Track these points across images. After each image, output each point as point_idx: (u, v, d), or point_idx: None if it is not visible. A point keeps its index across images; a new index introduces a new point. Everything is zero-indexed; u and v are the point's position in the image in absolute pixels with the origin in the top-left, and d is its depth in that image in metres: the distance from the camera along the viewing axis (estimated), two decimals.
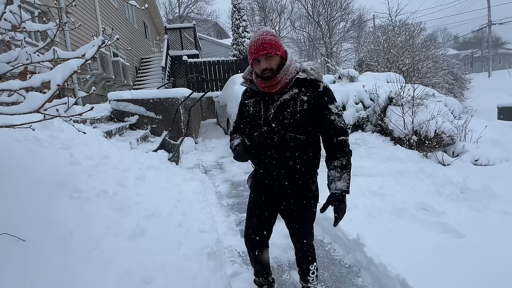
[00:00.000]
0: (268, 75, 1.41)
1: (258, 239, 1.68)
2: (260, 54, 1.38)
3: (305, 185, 1.56)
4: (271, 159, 1.51)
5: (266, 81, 1.42)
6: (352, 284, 2.07)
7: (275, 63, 1.41)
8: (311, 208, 1.61)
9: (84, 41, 6.73)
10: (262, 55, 1.39)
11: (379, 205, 2.90)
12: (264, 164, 1.55)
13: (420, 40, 10.98)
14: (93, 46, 1.41)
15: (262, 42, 1.38)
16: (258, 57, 1.39)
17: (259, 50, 1.38)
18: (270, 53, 1.39)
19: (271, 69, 1.40)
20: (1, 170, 1.91)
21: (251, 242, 1.70)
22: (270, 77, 1.41)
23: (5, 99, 1.50)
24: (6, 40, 1.63)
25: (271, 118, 1.46)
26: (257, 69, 1.44)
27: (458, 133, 4.39)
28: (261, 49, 1.38)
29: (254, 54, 1.40)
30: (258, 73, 1.44)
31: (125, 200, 2.41)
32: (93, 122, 4.61)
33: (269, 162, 1.52)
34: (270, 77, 1.41)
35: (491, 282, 1.80)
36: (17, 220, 1.60)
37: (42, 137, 2.70)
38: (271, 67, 1.40)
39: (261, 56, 1.39)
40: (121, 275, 1.62)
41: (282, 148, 1.47)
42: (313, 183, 1.59)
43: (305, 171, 1.54)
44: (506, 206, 2.76)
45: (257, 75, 1.46)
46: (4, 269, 1.33)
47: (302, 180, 1.55)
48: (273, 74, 1.41)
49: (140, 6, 1.82)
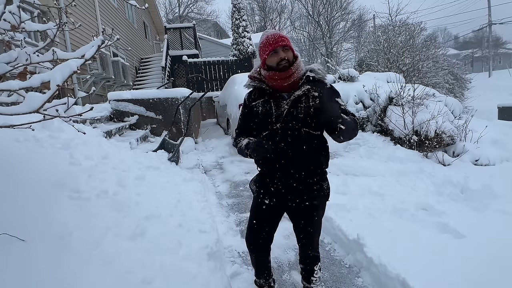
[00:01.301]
0: (285, 65, 1.46)
1: (261, 243, 1.68)
2: (279, 44, 1.45)
3: (318, 183, 1.58)
4: (285, 156, 1.50)
5: (282, 71, 1.46)
6: (352, 284, 2.07)
7: (290, 56, 1.48)
8: (323, 207, 1.63)
9: (84, 41, 6.73)
10: (280, 46, 1.45)
11: (379, 205, 2.90)
12: (274, 165, 1.54)
13: (420, 40, 10.99)
14: (92, 46, 1.41)
15: (279, 35, 1.47)
16: (276, 48, 1.45)
17: (278, 42, 1.45)
18: (287, 45, 1.46)
19: (288, 59, 1.46)
20: (1, 170, 1.91)
21: (254, 246, 1.70)
22: (287, 67, 1.46)
23: (4, 99, 1.50)
24: (5, 40, 1.63)
25: (285, 114, 1.48)
26: (273, 61, 1.47)
27: (459, 133, 4.40)
28: (279, 40, 1.45)
29: (273, 45, 1.45)
30: (273, 65, 1.48)
31: (125, 200, 2.41)
32: (93, 122, 4.61)
33: (280, 162, 1.52)
34: (287, 67, 1.46)
35: (491, 283, 1.81)
36: (16, 220, 1.60)
37: (42, 137, 2.70)
38: (287, 58, 1.46)
39: (279, 47, 1.45)
40: (121, 275, 1.62)
41: (297, 144, 1.48)
42: (324, 181, 1.61)
43: (318, 168, 1.56)
44: (506, 206, 2.77)
45: (270, 68, 1.49)
46: (4, 269, 1.33)
47: (316, 178, 1.57)
48: (289, 65, 1.47)
49: (140, 6, 1.82)
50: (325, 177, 1.62)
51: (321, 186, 1.59)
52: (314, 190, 1.57)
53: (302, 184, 1.55)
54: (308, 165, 1.53)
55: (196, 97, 6.79)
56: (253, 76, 1.59)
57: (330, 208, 1.61)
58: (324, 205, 1.64)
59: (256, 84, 1.58)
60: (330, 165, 1.63)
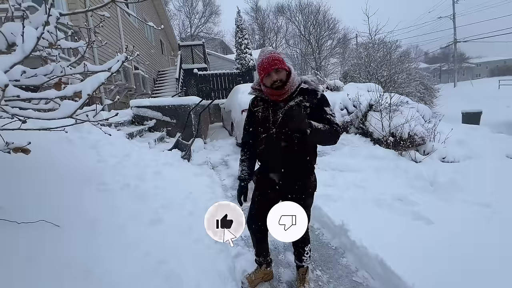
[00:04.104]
0: (279, 85, 1.44)
1: (260, 224, 1.68)
2: (272, 68, 1.41)
3: (306, 178, 1.60)
4: (279, 156, 1.53)
5: (277, 90, 1.45)
6: (338, 264, 2.07)
7: (283, 76, 1.45)
8: (311, 196, 1.64)
9: (109, 56, 6.73)
10: (273, 70, 1.42)
11: (361, 196, 2.90)
12: (271, 162, 1.57)
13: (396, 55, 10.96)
14: (117, 61, 1.41)
15: (273, 58, 1.42)
16: (269, 72, 1.42)
17: (271, 65, 1.41)
18: (280, 68, 1.43)
19: (281, 80, 1.44)
20: (40, 165, 1.92)
21: (254, 227, 1.70)
22: (281, 87, 1.45)
23: (43, 106, 1.50)
24: (43, 56, 1.63)
25: (279, 121, 1.49)
26: (268, 81, 1.46)
27: (428, 135, 4.40)
28: (272, 64, 1.41)
29: (267, 69, 1.42)
30: (268, 85, 1.46)
31: (145, 192, 2.41)
32: (117, 126, 4.60)
33: (276, 159, 1.54)
34: (281, 86, 1.45)
35: (452, 258, 1.82)
36: (53, 208, 1.61)
37: (74, 138, 2.70)
38: (281, 79, 1.44)
39: (272, 70, 1.42)
40: (141, 256, 1.62)
41: (289, 146, 1.50)
42: (312, 175, 1.63)
43: (307, 166, 1.58)
44: (469, 197, 2.77)
45: (267, 86, 1.48)
46: (42, 249, 1.33)
47: (305, 174, 1.59)
48: (282, 84, 1.45)
49: (157, 26, 1.82)
50: (313, 172, 1.64)
51: (309, 179, 1.61)
52: (304, 182, 1.59)
53: (293, 179, 1.56)
54: (299, 163, 1.55)
55: (205, 104, 6.77)
56: (255, 87, 1.60)
57: (319, 198, 1.61)
58: (312, 195, 1.65)
59: (256, 94, 1.59)
60: (319, 162, 1.64)
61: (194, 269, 1.70)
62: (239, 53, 12.40)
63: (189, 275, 1.61)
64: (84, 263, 1.38)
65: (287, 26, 28.89)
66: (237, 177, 1.67)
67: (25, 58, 1.14)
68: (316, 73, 11.08)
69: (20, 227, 1.35)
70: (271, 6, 35.52)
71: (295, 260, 1.82)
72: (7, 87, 0.98)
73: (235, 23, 12.57)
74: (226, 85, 11.63)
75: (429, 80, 13.47)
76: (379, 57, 9.42)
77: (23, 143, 1.40)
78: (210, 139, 6.91)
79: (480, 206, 2.59)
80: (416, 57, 20.95)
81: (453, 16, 25.77)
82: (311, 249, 1.78)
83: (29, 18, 1.37)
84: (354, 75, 10.27)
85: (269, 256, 1.86)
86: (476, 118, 9.00)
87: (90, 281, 1.31)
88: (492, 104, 12.62)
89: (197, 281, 1.60)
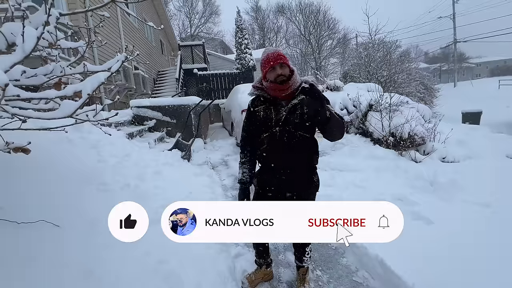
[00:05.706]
0: (283, 79, 1.46)
1: None
2: (277, 62, 1.45)
3: (309, 177, 1.59)
4: (282, 155, 1.51)
5: (281, 84, 1.46)
6: (338, 263, 2.07)
7: (287, 72, 1.47)
8: (313, 196, 1.63)
9: (109, 56, 6.72)
10: (278, 64, 1.45)
11: (361, 196, 2.89)
12: (274, 161, 1.55)
13: (396, 55, 10.96)
14: (117, 61, 1.41)
15: (278, 54, 1.47)
16: (275, 65, 1.45)
17: (276, 59, 1.45)
18: (284, 63, 1.46)
19: (284, 75, 1.46)
20: (40, 165, 1.91)
21: None
22: (285, 81, 1.46)
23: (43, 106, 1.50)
24: (43, 56, 1.63)
25: (283, 120, 1.49)
26: (272, 75, 1.47)
27: (428, 135, 4.39)
28: (278, 58, 1.45)
29: (272, 62, 1.45)
30: (272, 79, 1.48)
31: (145, 191, 2.41)
32: (117, 126, 4.60)
33: (279, 159, 1.53)
34: (285, 81, 1.46)
35: (452, 257, 1.81)
36: (53, 208, 1.60)
37: (74, 138, 2.70)
38: (284, 74, 1.46)
39: (277, 64, 1.45)
40: (141, 256, 1.62)
41: (292, 145, 1.49)
42: (315, 175, 1.61)
43: (310, 164, 1.57)
44: (469, 197, 2.76)
45: (270, 81, 1.49)
46: (42, 249, 1.33)
47: (307, 173, 1.58)
48: (286, 79, 1.47)
49: (157, 26, 1.82)
50: (316, 172, 1.62)
51: (312, 179, 1.59)
52: (306, 182, 1.58)
53: (296, 178, 1.55)
54: (301, 162, 1.54)
55: (205, 104, 6.77)
56: (256, 86, 1.59)
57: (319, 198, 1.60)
58: (314, 196, 1.63)
59: (258, 92, 1.58)
60: (319, 162, 1.63)
61: (194, 269, 1.70)
62: (239, 53, 12.39)
63: (189, 275, 1.61)
64: (84, 263, 1.38)
65: (287, 26, 28.97)
66: (238, 180, 1.63)
67: (25, 58, 1.14)
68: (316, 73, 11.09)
69: (20, 227, 1.35)
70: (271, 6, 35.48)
71: (295, 261, 1.82)
72: (7, 87, 0.98)
73: (235, 23, 12.56)
74: (226, 85, 11.62)
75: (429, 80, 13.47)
76: (379, 57, 9.42)
77: (23, 143, 1.40)
78: (210, 139, 6.90)
79: (480, 206, 2.59)
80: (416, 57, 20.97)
81: (453, 16, 25.79)
82: (311, 249, 1.78)
83: (29, 18, 1.37)
84: (354, 75, 10.27)
85: (269, 257, 1.86)
86: (476, 118, 9.00)
87: (90, 281, 1.31)
88: (492, 104, 12.63)
89: (197, 281, 1.60)
